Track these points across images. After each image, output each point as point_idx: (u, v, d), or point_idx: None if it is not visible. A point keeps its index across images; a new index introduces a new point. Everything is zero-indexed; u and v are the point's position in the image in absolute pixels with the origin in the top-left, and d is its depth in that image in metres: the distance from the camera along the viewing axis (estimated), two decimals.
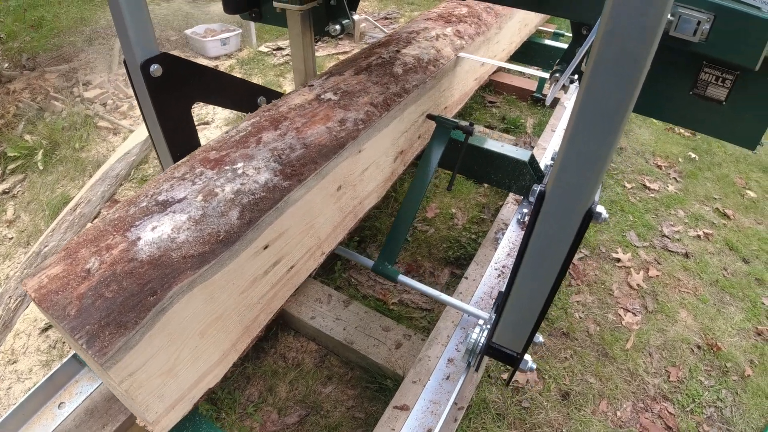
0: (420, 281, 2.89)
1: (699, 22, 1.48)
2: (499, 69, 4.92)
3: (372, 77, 1.90)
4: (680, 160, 4.36)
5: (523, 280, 1.33)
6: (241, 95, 2.07)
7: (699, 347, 2.82)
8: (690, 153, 4.46)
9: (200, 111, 4.72)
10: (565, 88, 1.84)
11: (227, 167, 1.45)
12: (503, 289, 1.66)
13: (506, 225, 2.66)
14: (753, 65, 1.52)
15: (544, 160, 3.15)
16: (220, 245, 1.30)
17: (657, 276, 3.17)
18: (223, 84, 1.99)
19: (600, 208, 1.14)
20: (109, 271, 1.27)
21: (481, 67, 2.76)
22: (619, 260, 3.21)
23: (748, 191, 4.18)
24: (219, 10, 6.70)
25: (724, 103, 1.68)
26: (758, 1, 1.47)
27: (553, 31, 4.55)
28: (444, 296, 2.14)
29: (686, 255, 3.37)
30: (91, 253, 1.34)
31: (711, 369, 2.72)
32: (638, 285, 3.07)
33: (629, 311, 2.92)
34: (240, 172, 1.44)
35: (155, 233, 1.31)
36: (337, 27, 2.13)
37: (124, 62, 1.72)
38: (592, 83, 0.92)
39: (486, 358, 2.15)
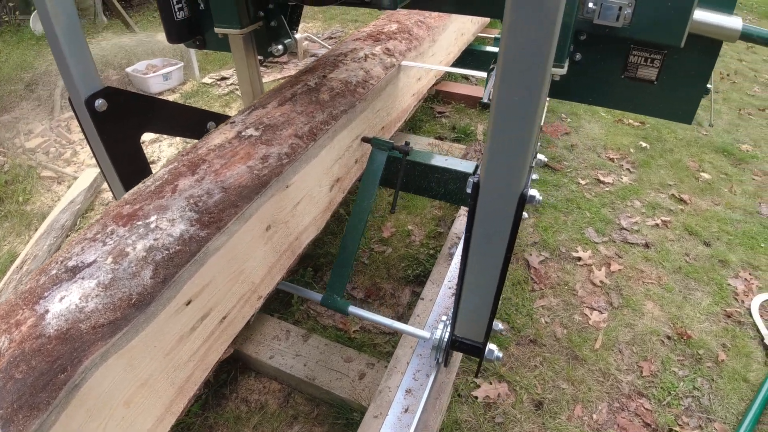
0: (381, 304, 2.83)
1: (621, 8, 1.53)
2: (445, 78, 4.91)
3: (297, 107, 1.83)
4: (632, 150, 4.39)
5: (472, 268, 1.37)
6: (189, 122, 2.07)
7: (669, 338, 2.79)
8: (641, 142, 4.50)
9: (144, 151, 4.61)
10: None
11: (140, 222, 1.36)
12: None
13: (459, 238, 2.61)
14: (678, 43, 1.56)
15: None
16: (133, 309, 1.22)
17: (619, 270, 3.15)
18: (171, 113, 1.99)
19: (533, 191, 1.20)
20: (18, 350, 1.18)
21: (418, 82, 2.71)
22: (580, 259, 3.18)
23: (703, 173, 4.21)
24: (162, 42, 6.63)
25: (655, 82, 1.73)
26: None
27: (494, 36, 4.55)
28: (396, 324, 2.07)
29: (646, 245, 3.36)
30: (2, 331, 1.24)
31: (684, 358, 2.70)
32: (601, 282, 3.04)
33: (595, 309, 2.89)
34: (153, 226, 1.35)
35: (63, 304, 1.21)
36: (280, 47, 2.15)
37: (69, 100, 1.73)
38: (506, 69, 0.97)
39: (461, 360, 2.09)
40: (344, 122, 1.93)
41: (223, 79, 5.74)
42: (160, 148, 4.60)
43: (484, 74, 3.24)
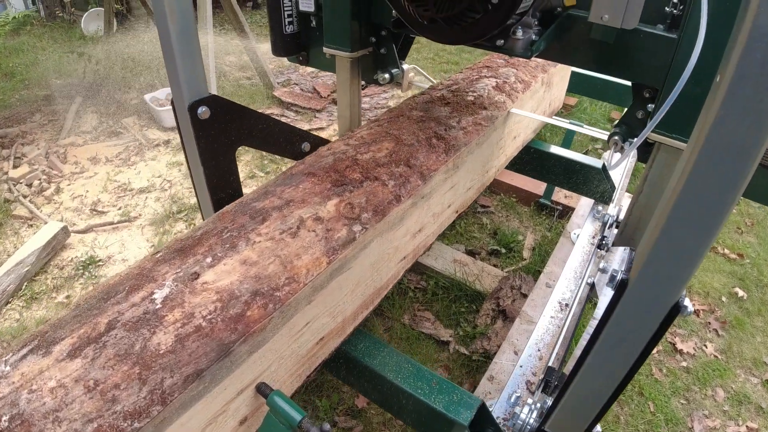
0: None
1: None
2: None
3: (95, 368, 0.94)
4: (723, 299, 3.34)
5: (592, 367, 1.20)
6: (286, 140, 2.06)
7: None
8: (736, 288, 3.43)
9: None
10: (622, 149, 1.63)
11: None
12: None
13: None
14: None
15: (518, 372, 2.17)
16: None
17: None
18: (269, 129, 1.97)
19: (686, 302, 0.99)
20: None
21: (414, 238, 1.81)
22: None
23: None
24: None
25: None
26: None
27: (567, 128, 3.46)
28: None
29: None
30: None
31: None
32: None
33: None
34: None
35: None
36: (386, 76, 2.11)
37: (172, 103, 1.70)
38: (700, 164, 0.78)
39: None
40: (195, 394, 1.03)
41: None
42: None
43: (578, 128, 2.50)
